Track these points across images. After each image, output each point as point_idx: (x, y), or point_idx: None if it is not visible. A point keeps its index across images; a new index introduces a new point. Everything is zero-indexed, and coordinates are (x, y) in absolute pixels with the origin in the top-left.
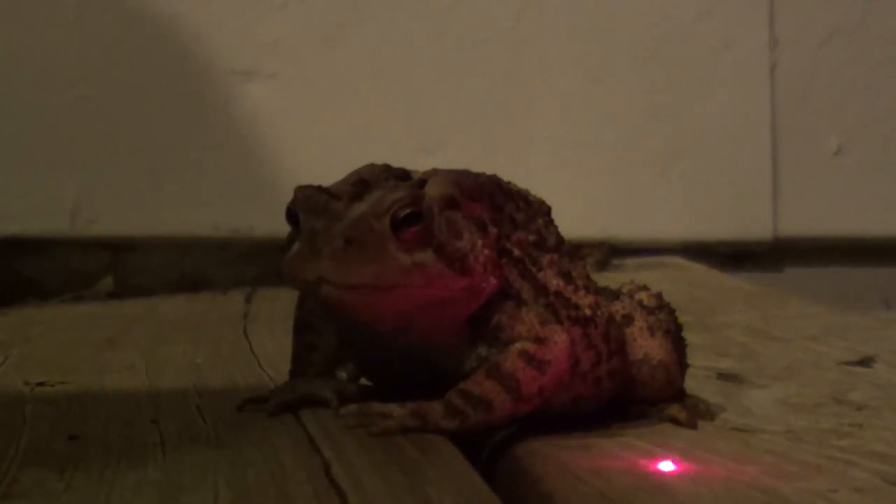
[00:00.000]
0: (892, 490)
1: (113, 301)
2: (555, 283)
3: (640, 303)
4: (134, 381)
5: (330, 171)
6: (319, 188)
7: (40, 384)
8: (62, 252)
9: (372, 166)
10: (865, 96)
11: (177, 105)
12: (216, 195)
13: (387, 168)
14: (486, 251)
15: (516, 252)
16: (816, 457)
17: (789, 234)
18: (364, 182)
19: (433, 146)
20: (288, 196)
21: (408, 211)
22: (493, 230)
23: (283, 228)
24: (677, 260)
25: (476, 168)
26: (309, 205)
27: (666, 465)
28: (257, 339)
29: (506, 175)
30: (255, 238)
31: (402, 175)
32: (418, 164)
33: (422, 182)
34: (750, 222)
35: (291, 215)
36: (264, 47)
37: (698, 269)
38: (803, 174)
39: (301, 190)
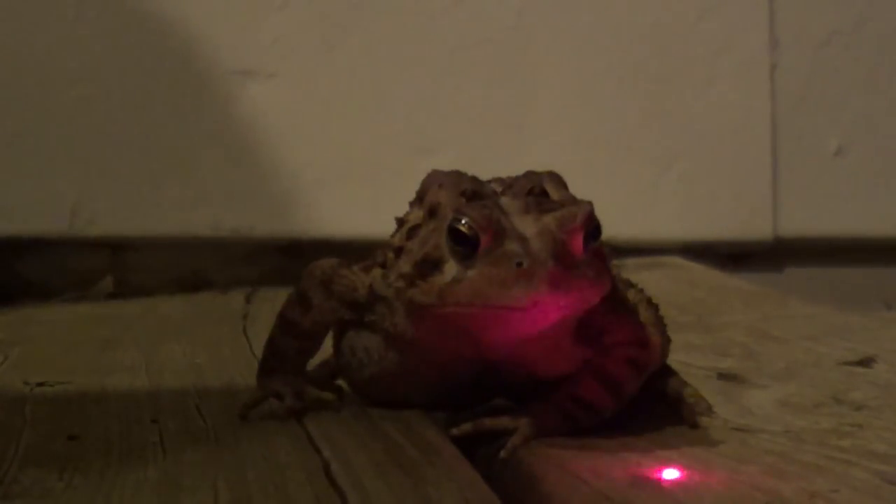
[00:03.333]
0: (892, 490)
1: (113, 301)
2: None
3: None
4: (134, 381)
5: (330, 172)
6: (483, 205)
7: (40, 384)
8: (62, 252)
9: (448, 175)
10: (865, 96)
11: (177, 105)
12: (216, 195)
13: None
14: None
15: None
16: (816, 457)
17: (789, 234)
18: (477, 194)
19: (433, 146)
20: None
21: (595, 225)
22: None
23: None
24: (677, 260)
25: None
26: (487, 224)
27: (666, 465)
28: (257, 339)
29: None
30: (255, 238)
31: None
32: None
33: (541, 189)
34: (750, 222)
35: (458, 233)
36: (264, 47)
37: (698, 269)
38: (803, 174)
39: (473, 209)
